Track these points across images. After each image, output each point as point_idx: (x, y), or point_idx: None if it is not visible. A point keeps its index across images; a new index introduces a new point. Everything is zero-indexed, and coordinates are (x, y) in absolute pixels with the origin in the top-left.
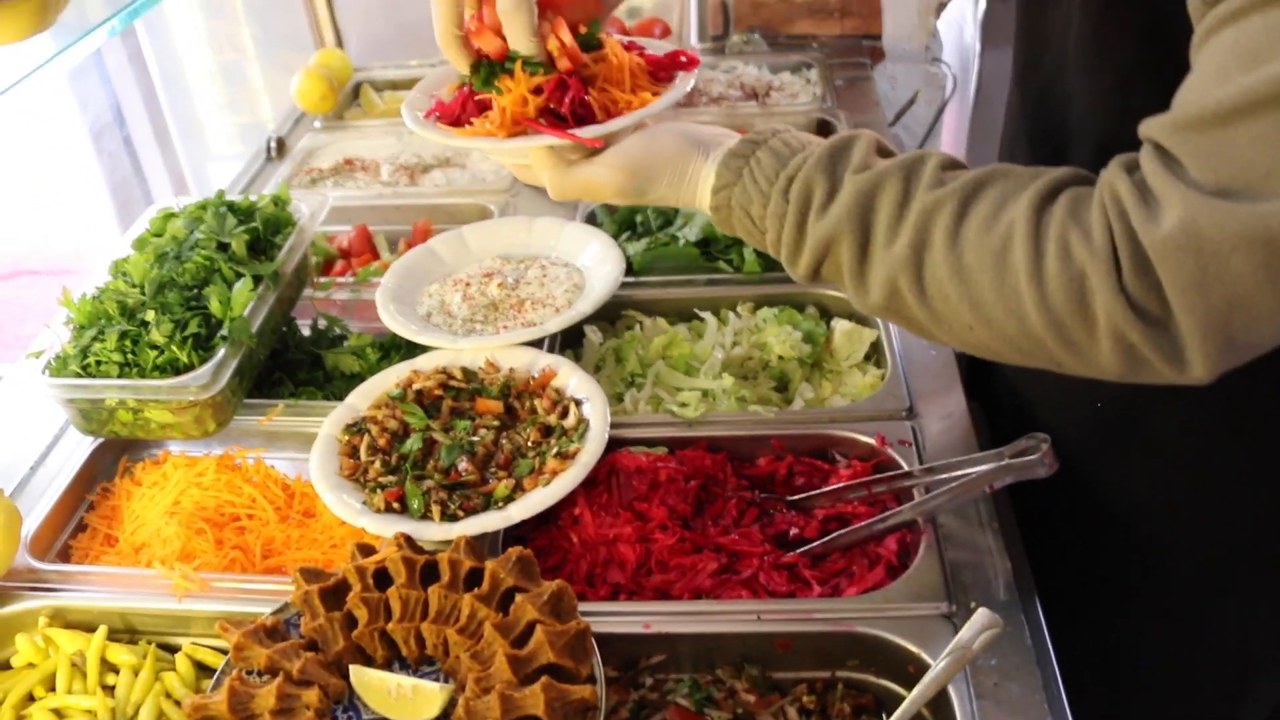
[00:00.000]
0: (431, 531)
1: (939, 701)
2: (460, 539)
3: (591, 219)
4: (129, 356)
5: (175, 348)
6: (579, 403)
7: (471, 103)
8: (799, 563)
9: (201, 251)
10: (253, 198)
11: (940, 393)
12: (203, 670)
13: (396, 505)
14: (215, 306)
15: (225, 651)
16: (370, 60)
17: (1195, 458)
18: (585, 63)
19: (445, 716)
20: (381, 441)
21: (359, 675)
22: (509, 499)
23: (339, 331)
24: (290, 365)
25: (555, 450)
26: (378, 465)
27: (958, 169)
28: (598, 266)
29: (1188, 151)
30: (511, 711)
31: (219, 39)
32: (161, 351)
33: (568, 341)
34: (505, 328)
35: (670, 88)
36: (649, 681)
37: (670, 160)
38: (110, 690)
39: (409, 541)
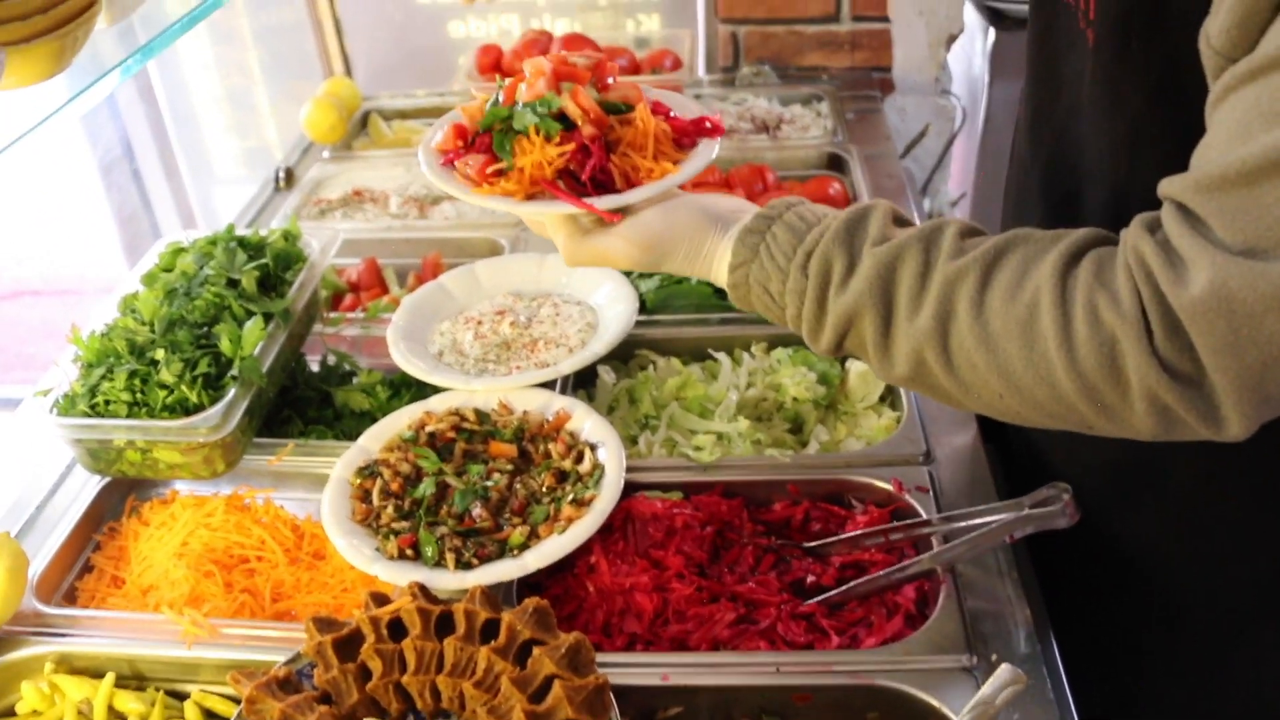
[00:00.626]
0: (446, 581)
1: None
2: (476, 589)
3: None
4: (138, 396)
5: (185, 387)
6: (594, 447)
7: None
8: (816, 612)
9: (211, 288)
10: (262, 231)
11: (956, 435)
12: (211, 718)
13: (410, 552)
14: (226, 345)
15: (234, 699)
16: (377, 88)
17: (1213, 504)
18: (611, 125)
19: None
20: (394, 486)
21: None
22: (524, 546)
23: (348, 368)
24: (299, 403)
25: (571, 497)
26: (390, 510)
27: (976, 235)
28: (611, 305)
29: (1212, 211)
30: None
31: (226, 64)
32: (171, 391)
33: (580, 381)
34: (518, 368)
35: (692, 156)
36: None
37: (687, 236)
38: None
39: (423, 591)
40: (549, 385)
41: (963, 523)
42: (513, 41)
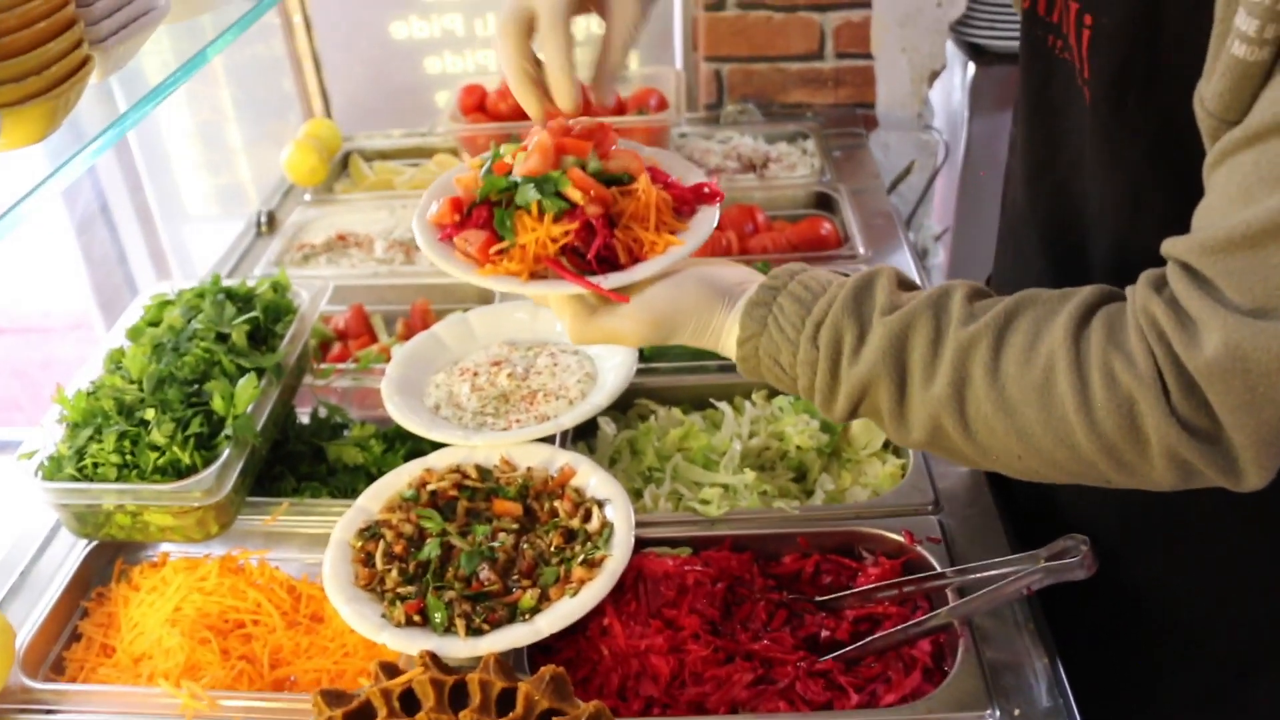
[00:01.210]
0: (457, 648)
1: None
2: (489, 657)
3: None
4: (128, 458)
5: (177, 448)
6: (601, 504)
7: (491, 235)
8: (833, 668)
9: (200, 343)
10: (250, 281)
11: (964, 482)
12: None
13: (417, 618)
14: (218, 404)
15: None
16: (353, 125)
17: (1223, 542)
18: (614, 200)
19: None
20: (397, 548)
21: None
22: (535, 610)
23: (340, 420)
24: (291, 458)
25: (581, 557)
26: (395, 574)
27: (984, 298)
28: (609, 355)
29: (1220, 273)
30: None
31: (198, 100)
32: (163, 453)
33: (580, 433)
34: (518, 421)
35: (693, 226)
36: None
37: (694, 311)
38: None
39: (435, 660)
40: (549, 439)
41: (977, 575)
42: (492, 79)
